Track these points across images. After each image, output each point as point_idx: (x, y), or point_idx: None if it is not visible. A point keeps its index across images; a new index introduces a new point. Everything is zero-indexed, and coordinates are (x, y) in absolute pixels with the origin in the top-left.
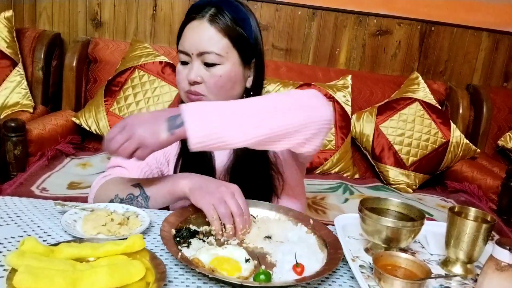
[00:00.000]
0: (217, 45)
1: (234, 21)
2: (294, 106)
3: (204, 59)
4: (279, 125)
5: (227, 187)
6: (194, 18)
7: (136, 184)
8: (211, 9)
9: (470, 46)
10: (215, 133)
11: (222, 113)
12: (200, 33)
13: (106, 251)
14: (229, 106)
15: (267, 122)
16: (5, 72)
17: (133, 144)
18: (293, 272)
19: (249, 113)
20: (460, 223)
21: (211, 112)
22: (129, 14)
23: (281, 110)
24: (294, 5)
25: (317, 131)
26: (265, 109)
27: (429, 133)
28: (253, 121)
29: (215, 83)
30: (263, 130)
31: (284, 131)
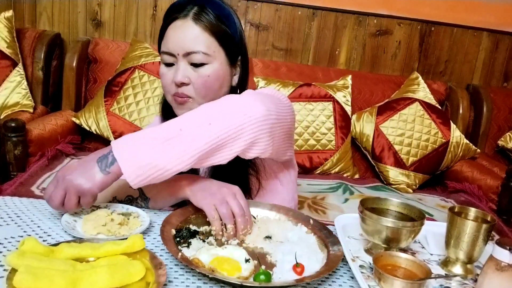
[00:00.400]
0: (203, 44)
1: (218, 19)
2: (224, 112)
3: (191, 59)
4: (212, 136)
5: (229, 188)
6: (177, 17)
7: None
8: (194, 7)
9: (470, 46)
10: (148, 163)
11: (149, 141)
12: (185, 32)
13: (106, 251)
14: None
15: (200, 136)
16: (5, 72)
17: (72, 195)
18: (293, 272)
19: (177, 133)
20: (460, 223)
21: (139, 142)
22: (129, 14)
23: (210, 120)
24: (294, 5)
25: (256, 133)
26: (194, 124)
27: (429, 133)
28: (184, 139)
29: (204, 83)
30: (198, 145)
31: (220, 141)
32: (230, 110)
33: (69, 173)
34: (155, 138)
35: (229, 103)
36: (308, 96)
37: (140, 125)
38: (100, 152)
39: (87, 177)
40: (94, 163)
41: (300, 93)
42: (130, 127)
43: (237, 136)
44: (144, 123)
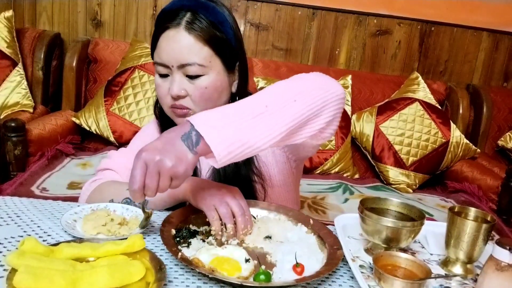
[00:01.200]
0: (198, 55)
1: (212, 26)
2: (307, 89)
3: (186, 71)
4: (299, 113)
5: (228, 188)
6: (168, 27)
7: None
8: (186, 14)
9: (470, 46)
10: (238, 140)
11: (237, 118)
12: (178, 43)
13: (106, 251)
14: (241, 107)
15: (287, 113)
16: (5, 72)
17: (167, 180)
18: (293, 272)
19: (264, 109)
20: (460, 223)
21: (225, 119)
22: (129, 14)
23: (295, 97)
24: (294, 5)
25: (336, 110)
26: (280, 100)
27: (429, 133)
28: (272, 116)
29: (201, 95)
30: (286, 121)
31: (305, 118)
32: (312, 87)
33: (159, 155)
34: (242, 115)
35: (308, 80)
36: None
37: (140, 125)
38: (178, 130)
39: (179, 158)
40: (179, 142)
41: None
42: (130, 127)
43: (319, 113)
44: (144, 123)
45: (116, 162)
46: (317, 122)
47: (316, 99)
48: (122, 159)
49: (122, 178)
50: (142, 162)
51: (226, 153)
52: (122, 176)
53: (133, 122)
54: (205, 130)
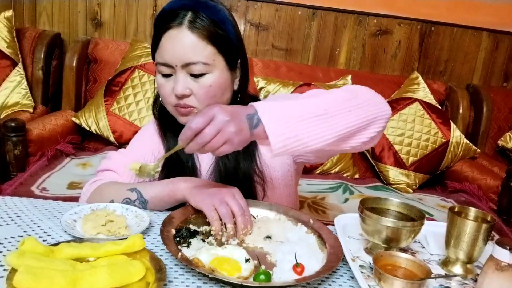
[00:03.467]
0: (202, 53)
1: (214, 24)
2: (361, 102)
3: (190, 70)
4: (352, 122)
5: (228, 188)
6: (171, 26)
7: (132, 188)
8: (187, 13)
9: (470, 46)
10: (294, 136)
11: (298, 114)
12: (181, 42)
13: (106, 251)
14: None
15: (342, 120)
16: (5, 72)
17: (221, 140)
18: (293, 272)
19: (323, 112)
20: (460, 223)
21: (287, 113)
22: (129, 14)
23: (349, 106)
24: (294, 5)
25: (381, 128)
26: (338, 107)
27: (429, 133)
28: (329, 120)
29: (206, 93)
30: (339, 128)
31: (356, 129)
32: (367, 101)
33: (226, 116)
34: (302, 112)
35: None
36: None
37: (140, 125)
38: (244, 108)
39: (240, 129)
40: (244, 118)
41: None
42: (130, 127)
43: (368, 127)
44: (144, 123)
45: (116, 163)
46: (364, 135)
47: (369, 113)
48: (122, 160)
49: (122, 179)
50: (210, 114)
51: (281, 145)
52: (122, 177)
53: (133, 122)
54: (267, 120)
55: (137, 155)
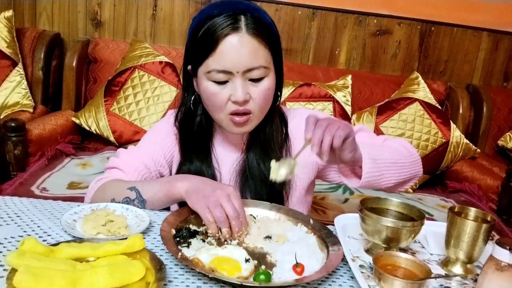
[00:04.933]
0: (262, 57)
1: (267, 27)
2: (414, 160)
3: (251, 75)
4: (407, 174)
5: (223, 189)
6: (229, 33)
7: (132, 188)
8: (241, 18)
9: (470, 46)
10: (378, 176)
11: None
12: (244, 48)
13: (106, 251)
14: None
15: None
16: (5, 72)
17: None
18: (293, 272)
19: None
20: (460, 223)
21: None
22: (129, 14)
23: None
24: (294, 5)
25: (413, 182)
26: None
27: (429, 133)
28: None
29: (264, 97)
30: (400, 176)
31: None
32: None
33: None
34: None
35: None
36: (308, 96)
37: (140, 125)
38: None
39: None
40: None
41: (300, 93)
42: (130, 127)
43: (411, 180)
44: (144, 123)
45: (123, 161)
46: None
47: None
48: (130, 158)
49: (128, 177)
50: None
51: (367, 180)
52: (128, 176)
53: (133, 122)
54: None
55: (146, 154)
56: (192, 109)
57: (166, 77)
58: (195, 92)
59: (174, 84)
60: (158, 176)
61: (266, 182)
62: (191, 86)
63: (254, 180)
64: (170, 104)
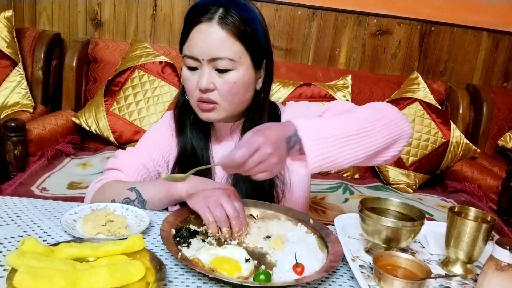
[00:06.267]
0: (229, 49)
1: (244, 22)
2: (389, 122)
3: (216, 65)
4: (380, 142)
5: (223, 189)
6: (201, 21)
7: (132, 188)
8: (219, 9)
9: (470, 46)
10: (329, 156)
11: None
12: (211, 37)
13: (106, 251)
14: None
15: (372, 140)
16: (5, 72)
17: (261, 169)
18: (293, 272)
19: (355, 132)
20: (460, 223)
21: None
22: (129, 14)
23: (379, 126)
24: (294, 5)
25: (402, 147)
26: (368, 128)
27: (429, 133)
28: (361, 140)
29: (229, 90)
30: (369, 147)
31: (382, 148)
32: (393, 120)
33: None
34: (337, 133)
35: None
36: (308, 96)
37: (140, 125)
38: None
39: (281, 160)
40: (285, 144)
41: (300, 93)
42: (130, 127)
43: (393, 145)
44: (144, 123)
45: (123, 162)
46: (388, 154)
47: (394, 133)
48: (129, 159)
49: (128, 178)
50: (257, 146)
51: (317, 165)
52: (128, 176)
53: (133, 122)
54: (307, 140)
55: (144, 154)
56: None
57: (166, 77)
58: None
59: (174, 84)
60: (157, 176)
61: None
62: None
63: (244, 180)
64: (170, 104)
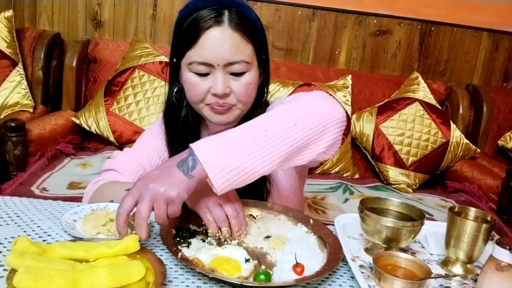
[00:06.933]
0: (243, 52)
1: (251, 23)
2: (308, 112)
3: (232, 69)
4: (299, 137)
5: None
6: (211, 25)
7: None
8: (225, 12)
9: (470, 46)
10: (237, 167)
11: (236, 143)
12: (225, 42)
13: (99, 253)
14: (241, 131)
15: (287, 137)
16: (5, 72)
17: (162, 204)
18: (293, 272)
19: (263, 134)
20: (460, 223)
21: (226, 144)
22: (129, 14)
23: (296, 120)
24: (294, 5)
25: (337, 133)
26: (280, 124)
27: (429, 133)
28: (271, 140)
29: (246, 91)
30: (285, 146)
31: (306, 142)
32: (313, 110)
33: (151, 182)
34: (241, 139)
35: (310, 102)
36: None
37: (140, 125)
38: (177, 158)
39: (172, 182)
40: (175, 168)
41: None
42: (130, 127)
43: (320, 136)
44: (144, 123)
45: (120, 163)
46: (318, 146)
47: (317, 122)
48: (126, 160)
49: (125, 179)
50: (134, 190)
51: (223, 180)
52: (125, 177)
53: (133, 122)
54: (205, 157)
55: (141, 155)
56: (175, 101)
57: (166, 77)
58: (178, 84)
59: None
60: None
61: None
62: (176, 78)
63: None
64: None
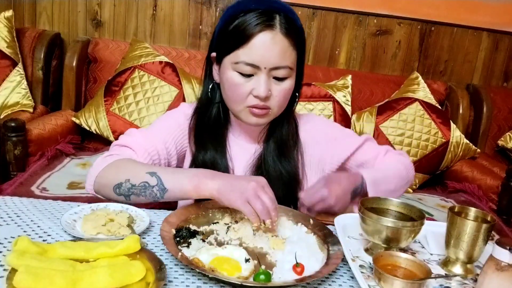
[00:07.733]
0: (289, 58)
1: (299, 31)
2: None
3: (276, 73)
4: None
5: (257, 181)
6: (264, 28)
7: (152, 173)
8: (277, 17)
9: (470, 46)
10: None
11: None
12: (275, 46)
13: (99, 253)
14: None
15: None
16: (5, 72)
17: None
18: (293, 272)
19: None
20: (460, 223)
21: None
22: (129, 14)
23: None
24: (294, 5)
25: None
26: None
27: (429, 133)
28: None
29: (285, 96)
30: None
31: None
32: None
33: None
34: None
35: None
36: (308, 96)
37: (140, 125)
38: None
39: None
40: (349, 195)
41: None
42: (130, 126)
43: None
44: (144, 123)
45: (135, 141)
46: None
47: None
48: (143, 140)
49: (139, 159)
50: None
51: None
52: (139, 157)
53: (133, 122)
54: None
55: (160, 140)
56: (210, 97)
57: (166, 77)
58: (213, 81)
59: (174, 84)
60: (166, 164)
61: (283, 179)
62: (210, 74)
63: (269, 176)
64: (170, 104)
